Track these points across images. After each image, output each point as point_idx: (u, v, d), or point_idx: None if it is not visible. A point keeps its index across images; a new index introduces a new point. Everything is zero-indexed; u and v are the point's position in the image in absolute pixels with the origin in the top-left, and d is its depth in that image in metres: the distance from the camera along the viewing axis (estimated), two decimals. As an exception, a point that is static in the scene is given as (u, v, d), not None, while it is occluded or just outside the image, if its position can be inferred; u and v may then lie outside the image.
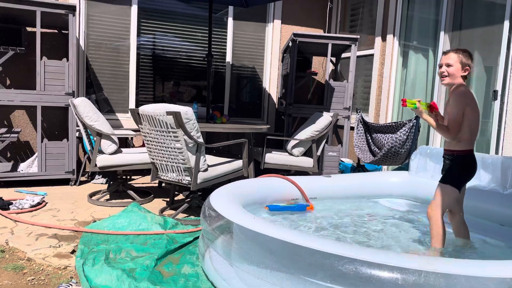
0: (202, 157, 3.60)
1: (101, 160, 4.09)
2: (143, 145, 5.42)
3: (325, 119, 4.70)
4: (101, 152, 4.18)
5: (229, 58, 6.38)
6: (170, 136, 3.51)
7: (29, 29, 5.19)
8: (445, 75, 2.64)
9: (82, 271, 2.47)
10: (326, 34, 5.96)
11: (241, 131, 4.37)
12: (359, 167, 5.29)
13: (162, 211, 3.89)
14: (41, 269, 2.58)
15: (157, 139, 3.64)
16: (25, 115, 5.36)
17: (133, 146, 5.63)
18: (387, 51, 5.65)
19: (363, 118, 5.08)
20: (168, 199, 4.27)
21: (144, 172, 5.67)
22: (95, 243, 2.98)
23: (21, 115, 5.35)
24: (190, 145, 3.51)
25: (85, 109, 4.10)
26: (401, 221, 3.53)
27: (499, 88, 4.15)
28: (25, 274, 2.50)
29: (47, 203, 4.05)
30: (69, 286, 2.32)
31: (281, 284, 1.99)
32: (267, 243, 2.06)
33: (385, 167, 5.54)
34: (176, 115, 3.35)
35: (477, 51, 4.48)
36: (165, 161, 3.71)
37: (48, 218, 3.60)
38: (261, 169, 4.64)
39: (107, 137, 4.16)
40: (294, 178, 3.71)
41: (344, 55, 6.30)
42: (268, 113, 6.67)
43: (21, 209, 3.73)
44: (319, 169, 5.06)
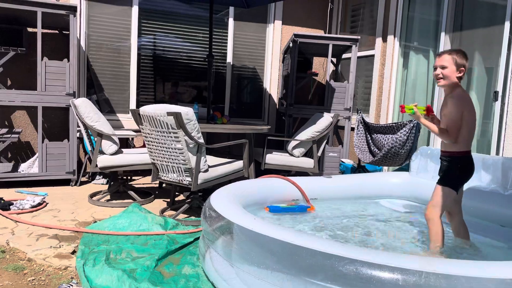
0: (202, 157, 3.60)
1: (102, 161, 4.10)
2: (143, 146, 5.43)
3: (325, 119, 4.70)
4: (101, 152, 4.18)
5: (229, 59, 6.39)
6: (171, 137, 3.51)
7: (30, 29, 5.20)
8: (440, 77, 2.63)
9: (82, 271, 2.47)
10: (327, 35, 5.96)
11: (242, 131, 4.37)
12: (359, 168, 5.29)
13: (163, 211, 3.89)
14: (41, 269, 2.59)
15: (157, 139, 3.64)
16: (26, 115, 5.37)
17: (134, 147, 5.63)
18: (387, 51, 5.65)
19: (363, 119, 5.08)
20: (169, 200, 4.28)
21: (144, 172, 5.67)
22: (96, 243, 2.99)
23: (22, 116, 5.36)
24: (190, 145, 3.51)
25: (85, 110, 4.10)
26: (402, 221, 3.53)
27: (499, 89, 4.15)
28: (26, 275, 2.51)
29: (47, 203, 4.06)
30: (69, 287, 2.33)
31: (281, 284, 1.99)
32: (268, 243, 2.07)
33: (385, 167, 5.54)
34: (177, 116, 3.36)
35: (477, 52, 4.48)
36: (165, 161, 3.71)
37: (49, 218, 3.61)
38: (261, 170, 4.64)
39: (108, 137, 4.16)
40: (295, 179, 3.71)
41: (344, 55, 6.30)
42: (269, 113, 6.67)
43: (21, 209, 3.73)
44: (320, 169, 5.06)
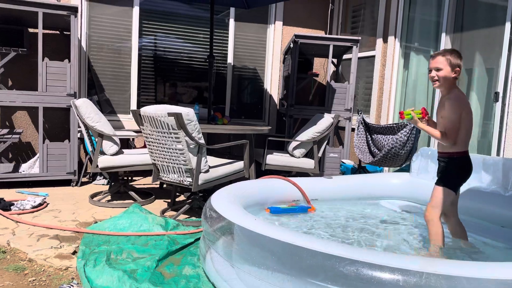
0: (203, 158, 3.61)
1: (103, 161, 4.10)
2: (144, 146, 5.43)
3: (326, 120, 4.70)
4: (102, 153, 4.18)
5: (230, 60, 6.39)
6: (172, 137, 3.51)
7: (31, 30, 5.21)
8: (436, 79, 2.62)
9: (83, 272, 2.47)
10: (328, 36, 5.96)
11: (242, 132, 4.37)
12: (360, 169, 5.29)
13: (163, 212, 3.89)
14: (42, 270, 2.59)
15: (158, 140, 3.64)
16: (26, 116, 5.38)
17: (135, 147, 5.64)
18: (388, 52, 5.65)
19: (364, 120, 5.08)
20: (169, 200, 4.28)
21: (145, 173, 5.67)
22: (97, 244, 2.99)
23: (22, 116, 5.36)
24: (191, 146, 3.51)
25: (86, 110, 4.11)
26: (402, 222, 3.53)
27: (500, 90, 4.15)
28: (26, 275, 2.51)
29: (48, 204, 4.06)
30: (70, 287, 2.33)
31: (282, 285, 1.99)
32: (268, 244, 2.07)
33: (386, 168, 5.53)
34: (178, 116, 3.36)
35: (478, 53, 4.48)
36: (166, 162, 3.71)
37: (50, 219, 3.61)
38: (262, 170, 4.64)
39: (109, 138, 4.17)
40: (295, 180, 3.71)
41: (345, 56, 6.30)
42: (269, 114, 6.67)
43: (22, 210, 3.73)
44: (320, 170, 5.06)
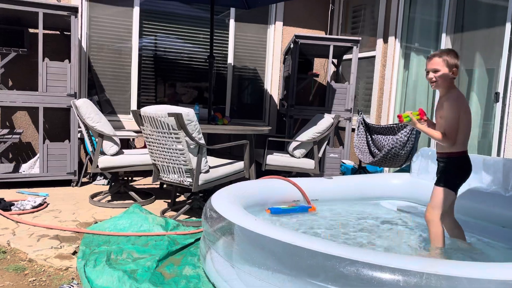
0: (203, 158, 3.60)
1: (103, 161, 4.10)
2: (144, 147, 5.43)
3: (326, 120, 4.70)
4: (102, 153, 4.18)
5: (230, 60, 6.39)
6: (172, 138, 3.51)
7: (31, 30, 5.21)
8: (434, 81, 2.61)
9: (83, 272, 2.47)
10: (328, 36, 5.96)
11: (243, 132, 4.37)
12: (360, 169, 5.29)
13: (164, 212, 3.89)
14: (42, 270, 2.59)
15: (158, 140, 3.64)
16: (27, 116, 5.38)
17: (135, 148, 5.64)
18: (388, 53, 5.65)
19: (364, 120, 5.08)
20: (170, 201, 4.28)
21: (145, 173, 5.67)
22: (97, 244, 2.99)
23: (23, 116, 5.37)
24: (191, 146, 3.51)
25: (87, 110, 4.11)
26: (402, 223, 3.53)
27: (500, 90, 4.15)
28: (27, 275, 2.51)
29: (48, 204, 4.06)
30: (70, 287, 2.33)
31: (282, 285, 1.99)
32: (269, 244, 2.06)
33: (386, 169, 5.53)
34: (178, 117, 3.36)
35: (478, 53, 4.48)
36: (166, 162, 3.71)
37: (50, 219, 3.61)
38: (262, 171, 4.64)
39: (109, 138, 4.17)
40: (296, 180, 3.71)
41: (345, 56, 6.30)
42: (270, 114, 6.67)
43: (22, 210, 3.73)
44: (321, 170, 5.06)
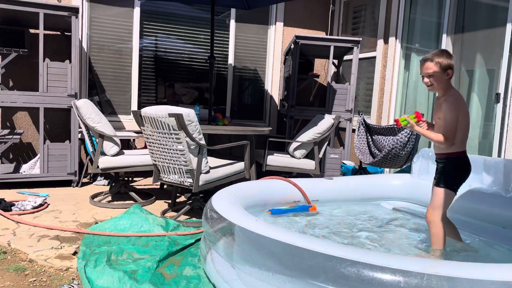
0: (204, 159, 3.60)
1: (103, 162, 4.10)
2: (145, 147, 5.43)
3: (327, 121, 4.70)
4: (103, 153, 4.18)
5: (231, 60, 6.39)
6: (172, 138, 3.51)
7: (32, 31, 5.21)
8: (430, 84, 2.62)
9: (84, 272, 2.47)
10: (328, 37, 5.96)
11: (243, 133, 4.37)
12: (361, 170, 5.29)
13: (164, 213, 3.89)
14: (43, 270, 2.59)
15: (159, 141, 3.64)
16: (27, 116, 5.38)
17: (135, 148, 5.64)
18: (389, 53, 5.65)
19: (364, 120, 5.08)
20: (170, 201, 4.28)
21: (146, 174, 5.68)
22: (97, 244, 2.98)
23: (23, 117, 5.37)
24: (192, 147, 3.51)
25: (87, 111, 4.11)
26: (403, 223, 3.53)
27: (501, 91, 4.15)
28: (27, 276, 2.51)
29: (49, 204, 4.06)
30: (71, 288, 2.33)
31: (283, 286, 1.99)
32: (269, 245, 2.06)
33: (387, 169, 5.53)
34: (178, 117, 3.36)
35: (479, 54, 4.48)
36: (167, 163, 3.71)
37: (50, 219, 3.61)
38: (263, 171, 4.64)
39: (109, 138, 4.17)
40: (296, 180, 3.71)
41: (346, 57, 6.30)
42: (270, 115, 6.67)
43: (23, 210, 3.73)
44: (321, 171, 5.06)
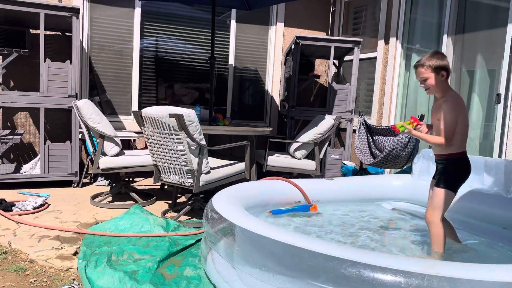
0: (204, 159, 3.60)
1: (104, 162, 4.10)
2: (145, 147, 5.43)
3: (327, 121, 4.70)
4: (103, 154, 4.18)
5: (231, 61, 6.39)
6: (173, 139, 3.51)
7: (32, 31, 5.21)
8: (427, 88, 2.66)
9: (84, 273, 2.47)
10: (329, 37, 5.96)
11: (244, 133, 4.37)
12: (361, 170, 5.29)
13: (165, 213, 3.89)
14: (43, 270, 2.59)
15: (159, 141, 3.64)
16: (28, 116, 5.38)
17: (136, 148, 5.64)
18: (390, 54, 5.64)
19: (365, 121, 5.08)
20: (171, 201, 4.27)
21: (146, 174, 5.67)
22: (98, 245, 2.98)
23: (24, 117, 5.37)
24: (192, 147, 3.51)
25: (88, 111, 4.11)
26: (404, 224, 3.53)
27: (502, 91, 4.14)
28: (28, 276, 2.51)
29: (49, 204, 4.06)
30: (71, 288, 2.33)
31: (283, 286, 1.99)
32: (270, 245, 2.06)
33: (387, 170, 5.53)
34: (179, 118, 3.36)
35: (480, 55, 4.47)
36: (167, 163, 3.71)
37: (51, 219, 3.61)
38: (263, 172, 4.64)
39: (110, 139, 4.17)
40: (297, 181, 3.71)
41: (347, 58, 6.30)
42: (271, 115, 6.67)
43: (23, 210, 3.73)
44: (322, 172, 5.06)
